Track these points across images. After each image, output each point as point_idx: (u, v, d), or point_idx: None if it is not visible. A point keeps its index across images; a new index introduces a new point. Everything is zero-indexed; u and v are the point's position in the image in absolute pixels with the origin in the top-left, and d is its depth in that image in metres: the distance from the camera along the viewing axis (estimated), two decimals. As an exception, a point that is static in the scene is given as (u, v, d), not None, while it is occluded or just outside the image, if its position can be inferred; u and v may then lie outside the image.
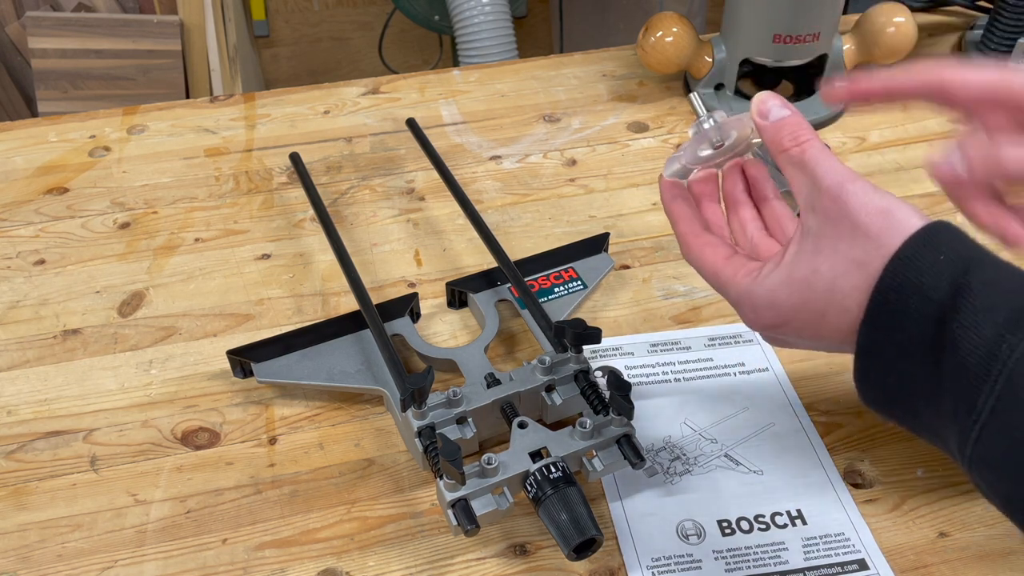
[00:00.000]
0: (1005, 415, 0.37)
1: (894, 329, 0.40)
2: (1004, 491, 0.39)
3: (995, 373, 0.37)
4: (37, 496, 0.56)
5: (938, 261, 0.39)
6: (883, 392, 0.42)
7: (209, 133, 0.87)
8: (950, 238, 0.41)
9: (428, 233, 0.75)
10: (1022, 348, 0.37)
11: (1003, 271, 0.39)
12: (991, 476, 0.39)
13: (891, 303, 0.40)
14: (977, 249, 0.40)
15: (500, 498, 0.50)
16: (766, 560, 0.51)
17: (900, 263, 0.40)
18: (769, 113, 0.46)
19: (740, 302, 0.47)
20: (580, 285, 0.66)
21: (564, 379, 0.56)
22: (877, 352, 0.41)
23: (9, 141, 0.86)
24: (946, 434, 0.40)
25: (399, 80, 0.95)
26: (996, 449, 0.37)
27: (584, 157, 0.84)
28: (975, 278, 0.38)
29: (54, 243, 0.74)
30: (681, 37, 0.85)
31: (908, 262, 0.40)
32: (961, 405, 0.38)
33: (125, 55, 1.74)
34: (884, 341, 0.41)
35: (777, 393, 0.61)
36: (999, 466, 0.38)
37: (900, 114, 0.88)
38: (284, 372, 0.60)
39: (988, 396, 0.37)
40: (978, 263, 0.39)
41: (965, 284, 0.38)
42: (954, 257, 0.39)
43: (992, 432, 0.37)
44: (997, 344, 0.37)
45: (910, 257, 0.40)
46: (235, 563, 0.52)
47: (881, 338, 0.41)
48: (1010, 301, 0.38)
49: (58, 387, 0.62)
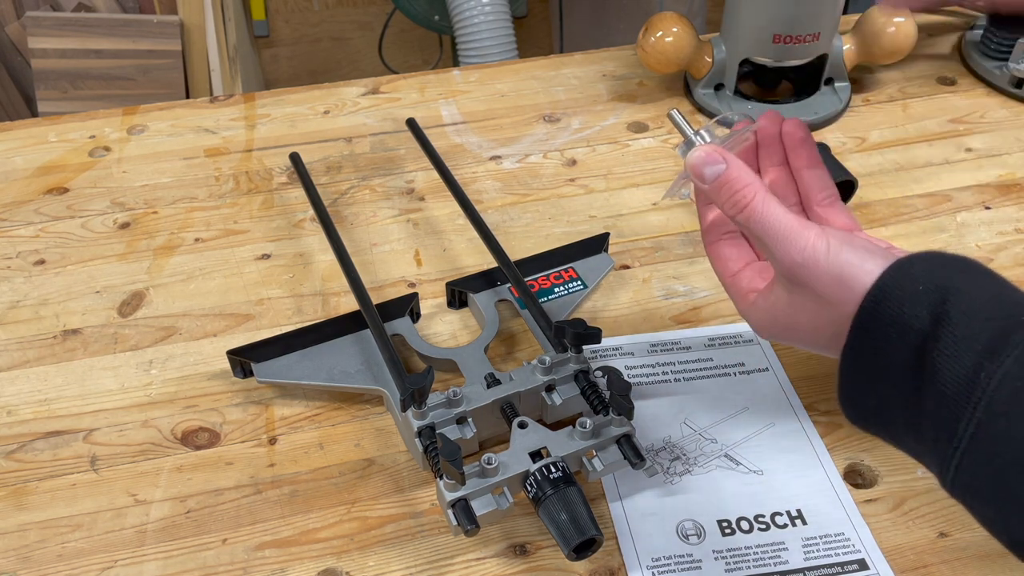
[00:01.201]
0: (985, 442, 0.37)
1: (875, 356, 0.42)
2: (987, 515, 0.39)
3: (974, 400, 0.37)
4: (37, 496, 0.56)
5: (917, 292, 0.40)
6: (864, 414, 0.44)
7: (209, 133, 0.87)
8: (926, 271, 0.41)
9: (428, 233, 0.75)
10: (999, 375, 0.37)
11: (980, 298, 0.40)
12: (972, 501, 0.39)
13: (871, 332, 0.41)
14: (954, 277, 0.41)
15: (500, 498, 0.50)
16: (766, 560, 0.51)
17: (880, 293, 0.41)
18: (704, 175, 0.46)
19: (745, 318, 0.51)
20: (580, 285, 0.66)
21: (564, 379, 0.56)
22: (859, 378, 0.43)
23: (9, 141, 0.86)
24: (927, 457, 0.41)
25: (399, 80, 0.95)
26: (977, 476, 0.38)
27: (584, 157, 0.84)
28: (953, 307, 0.39)
29: (54, 243, 0.74)
30: (681, 37, 0.85)
31: (888, 292, 0.41)
32: (942, 432, 0.39)
33: (125, 55, 1.74)
34: (865, 367, 0.42)
35: (777, 393, 0.61)
36: (980, 492, 0.39)
37: (900, 114, 0.88)
38: (284, 372, 0.60)
39: (968, 423, 0.38)
40: (955, 292, 0.40)
41: (943, 313, 0.39)
42: (932, 288, 0.40)
43: (972, 459, 0.38)
44: (976, 372, 0.38)
45: (890, 287, 0.41)
46: (235, 563, 0.52)
47: (862, 364, 0.42)
48: (988, 328, 0.38)
49: (58, 387, 0.62)
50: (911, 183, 0.79)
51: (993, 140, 0.84)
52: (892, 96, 0.90)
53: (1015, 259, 0.71)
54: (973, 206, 0.76)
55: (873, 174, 0.80)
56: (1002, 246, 0.72)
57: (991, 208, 0.76)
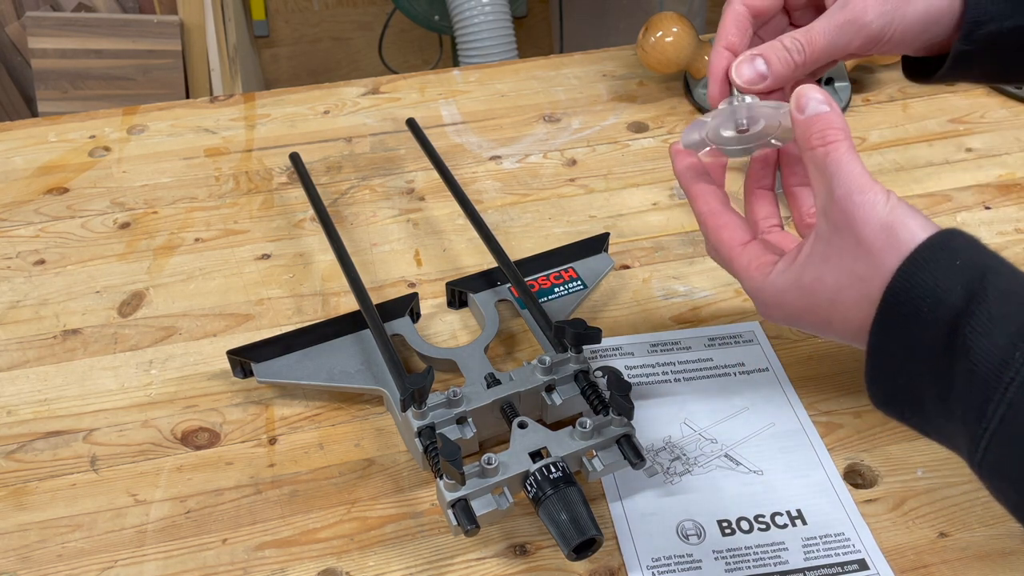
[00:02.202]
0: (1015, 424, 0.37)
1: (906, 330, 0.40)
2: (1013, 499, 0.39)
3: (1006, 381, 0.36)
4: (37, 496, 0.56)
5: (954, 266, 0.39)
6: (893, 393, 0.42)
7: (209, 133, 0.87)
8: (966, 245, 0.40)
9: (428, 233, 0.75)
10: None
11: (1019, 281, 0.39)
12: (1000, 483, 0.39)
13: (903, 304, 0.40)
14: (993, 257, 0.40)
15: (500, 498, 0.50)
16: (766, 560, 0.51)
17: (914, 265, 0.40)
18: (806, 107, 0.44)
19: (751, 295, 0.47)
20: (580, 285, 0.66)
21: (564, 379, 0.56)
22: (887, 353, 0.41)
23: (9, 141, 0.86)
24: (956, 438, 0.40)
25: (399, 80, 0.95)
26: (1005, 457, 0.37)
27: (584, 157, 0.84)
28: (991, 285, 0.38)
29: (54, 243, 0.74)
30: (681, 37, 0.85)
31: (923, 264, 0.39)
32: (971, 411, 0.38)
33: (125, 55, 1.74)
34: (895, 342, 0.41)
35: (777, 393, 0.61)
36: (1008, 475, 0.38)
37: (900, 114, 0.88)
38: (284, 372, 0.60)
39: (999, 404, 0.37)
40: (994, 271, 0.39)
41: (981, 290, 0.38)
42: (970, 263, 0.39)
43: (1002, 440, 0.37)
44: (1010, 352, 0.36)
45: (925, 260, 0.40)
46: (235, 563, 0.52)
47: (892, 339, 0.41)
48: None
49: (58, 387, 0.62)
50: (911, 183, 0.79)
51: (993, 140, 0.84)
52: (892, 96, 0.90)
53: (1015, 259, 0.70)
54: (973, 206, 0.76)
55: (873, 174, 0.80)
56: (1002, 246, 0.72)
57: (991, 208, 0.76)
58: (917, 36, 0.48)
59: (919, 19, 0.47)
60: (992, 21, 0.47)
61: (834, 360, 0.63)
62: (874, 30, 0.47)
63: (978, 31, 0.48)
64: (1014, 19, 0.48)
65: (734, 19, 0.50)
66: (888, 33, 0.47)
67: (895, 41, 0.48)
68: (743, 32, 0.50)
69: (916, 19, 0.47)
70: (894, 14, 0.47)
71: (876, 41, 0.47)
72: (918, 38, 0.48)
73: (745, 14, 0.50)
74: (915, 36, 0.48)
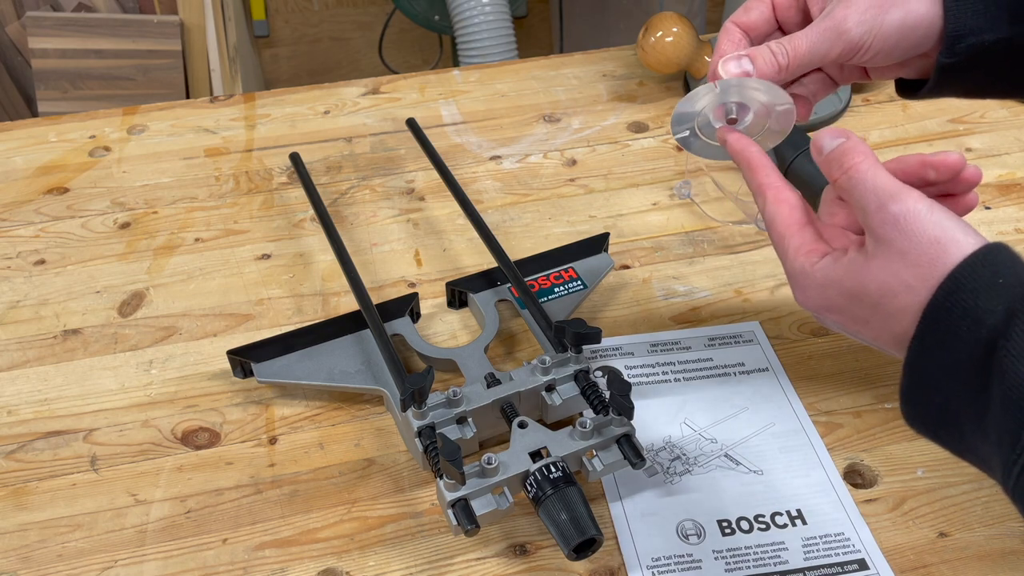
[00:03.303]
0: None
1: (943, 349, 0.40)
2: None
3: None
4: (37, 496, 0.56)
5: (996, 284, 0.39)
6: (928, 411, 0.42)
7: (209, 133, 0.87)
8: (1010, 262, 0.40)
9: (428, 233, 0.75)
10: None
11: None
12: None
13: (942, 323, 0.40)
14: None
15: (500, 498, 0.50)
16: (766, 560, 0.51)
17: (955, 283, 0.39)
18: (824, 148, 0.46)
19: (793, 278, 0.47)
20: (580, 285, 0.66)
21: (564, 379, 0.56)
22: (925, 371, 0.41)
23: (9, 141, 0.86)
24: (991, 460, 0.39)
25: (399, 80, 0.95)
26: None
27: (584, 157, 0.84)
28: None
29: (54, 243, 0.74)
30: (681, 37, 0.85)
31: (964, 283, 0.39)
32: (1005, 436, 0.37)
33: (125, 55, 1.74)
34: (932, 360, 0.40)
35: (777, 393, 0.61)
36: None
37: (900, 114, 0.88)
38: (284, 372, 0.60)
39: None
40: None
41: (1020, 311, 0.37)
42: (1014, 282, 0.38)
43: None
44: None
45: (967, 278, 0.39)
46: (235, 563, 0.52)
47: (929, 357, 0.40)
48: None
49: (58, 387, 0.62)
50: (911, 183, 0.79)
51: (993, 140, 0.84)
52: (892, 96, 0.90)
53: None
54: (973, 206, 0.76)
55: (873, 174, 0.80)
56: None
57: (991, 208, 0.76)
58: (896, 44, 0.49)
59: (896, 27, 0.48)
60: (972, 34, 0.48)
61: (834, 360, 0.63)
62: (854, 37, 0.48)
63: (959, 44, 0.48)
64: (995, 31, 0.48)
65: (729, 39, 0.52)
66: (868, 41, 0.48)
67: (875, 49, 0.49)
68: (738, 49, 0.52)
69: (893, 28, 0.48)
70: (872, 23, 0.48)
71: (857, 49, 0.49)
72: (897, 46, 0.49)
73: (740, 33, 0.52)
74: (894, 44, 0.49)
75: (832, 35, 0.48)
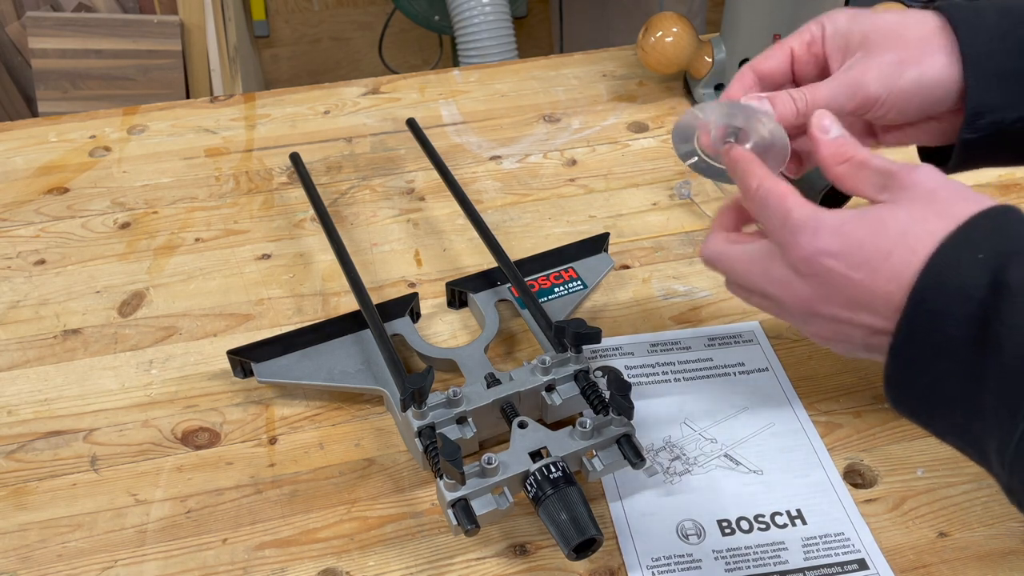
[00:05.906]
0: None
1: (932, 330, 0.40)
2: None
3: None
4: (37, 496, 0.56)
5: (976, 260, 0.39)
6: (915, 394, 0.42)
7: (209, 133, 0.87)
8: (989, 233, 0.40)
9: (428, 233, 0.75)
10: None
11: None
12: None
13: (928, 303, 0.40)
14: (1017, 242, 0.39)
15: (500, 498, 0.50)
16: (766, 560, 0.51)
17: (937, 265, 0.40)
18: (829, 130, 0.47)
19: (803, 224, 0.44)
20: (580, 285, 0.66)
21: (564, 379, 0.56)
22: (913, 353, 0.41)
23: (9, 141, 0.86)
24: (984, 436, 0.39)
25: (399, 80, 0.95)
26: None
27: (584, 157, 0.84)
28: (1013, 276, 0.38)
29: (54, 243, 0.74)
30: (681, 37, 0.85)
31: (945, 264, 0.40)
32: (1003, 407, 0.37)
33: (125, 55, 1.74)
34: (921, 341, 0.40)
35: (777, 393, 0.61)
36: None
37: (900, 114, 0.88)
38: (284, 372, 0.60)
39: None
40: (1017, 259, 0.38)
41: (1004, 283, 0.38)
42: (992, 254, 0.39)
43: None
44: None
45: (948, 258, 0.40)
46: (235, 563, 0.52)
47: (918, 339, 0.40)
48: None
49: (58, 387, 0.62)
50: (911, 183, 0.79)
51: (993, 140, 0.84)
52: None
53: None
54: (973, 206, 0.76)
55: (873, 174, 0.80)
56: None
57: (991, 208, 0.76)
58: (909, 101, 0.50)
59: (912, 84, 0.49)
60: (992, 112, 0.49)
61: (834, 360, 0.63)
62: (871, 92, 0.49)
63: (980, 120, 0.49)
64: (1017, 110, 0.49)
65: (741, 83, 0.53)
66: (884, 96, 0.49)
67: (890, 104, 0.50)
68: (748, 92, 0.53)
69: (908, 86, 0.49)
70: (890, 79, 0.49)
71: (873, 103, 0.50)
72: (911, 103, 0.50)
73: (753, 79, 0.53)
74: (907, 101, 0.50)
75: (850, 89, 0.49)
